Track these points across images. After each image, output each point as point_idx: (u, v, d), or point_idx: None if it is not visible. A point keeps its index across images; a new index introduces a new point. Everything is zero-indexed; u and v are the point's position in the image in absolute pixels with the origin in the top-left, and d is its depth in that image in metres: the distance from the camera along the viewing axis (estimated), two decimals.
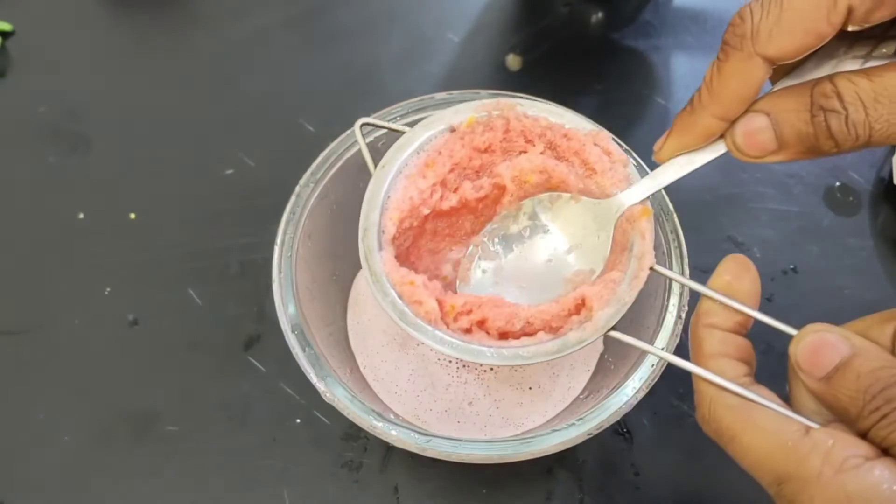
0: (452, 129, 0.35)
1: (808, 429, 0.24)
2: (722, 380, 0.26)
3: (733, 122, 0.28)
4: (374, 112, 0.41)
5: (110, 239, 0.52)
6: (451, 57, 0.62)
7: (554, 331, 0.32)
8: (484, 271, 0.35)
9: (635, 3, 0.66)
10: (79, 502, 0.43)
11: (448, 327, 0.32)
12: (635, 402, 0.34)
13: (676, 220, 0.38)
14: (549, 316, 0.33)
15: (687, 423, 0.45)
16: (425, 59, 0.62)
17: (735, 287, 0.28)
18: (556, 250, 0.34)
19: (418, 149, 0.35)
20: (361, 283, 0.47)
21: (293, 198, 0.39)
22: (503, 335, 0.33)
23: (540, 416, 0.43)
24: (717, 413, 0.26)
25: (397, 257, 0.34)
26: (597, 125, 0.36)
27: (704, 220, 0.53)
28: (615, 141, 0.36)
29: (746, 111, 0.27)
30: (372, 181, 0.34)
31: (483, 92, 0.41)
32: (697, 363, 0.27)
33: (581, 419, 0.34)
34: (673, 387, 0.46)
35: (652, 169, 0.40)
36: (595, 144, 0.35)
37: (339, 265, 0.45)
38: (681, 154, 0.30)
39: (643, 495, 0.43)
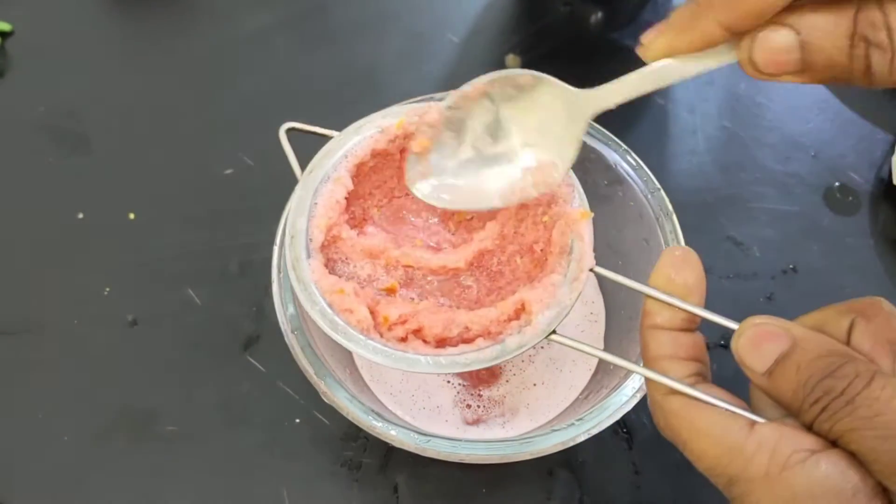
0: (381, 131, 0.34)
1: (753, 425, 0.23)
2: (668, 380, 0.25)
3: (742, 34, 0.24)
4: (374, 112, 0.41)
5: (110, 239, 0.52)
6: (450, 57, 0.62)
7: (493, 336, 0.31)
8: (438, 167, 0.32)
9: (635, 2, 0.66)
10: (78, 502, 0.43)
11: (382, 336, 0.31)
12: (635, 402, 0.34)
13: (676, 220, 0.38)
14: (487, 321, 0.32)
15: None
16: (424, 60, 0.62)
17: (676, 282, 0.26)
18: (517, 138, 0.31)
19: (346, 153, 0.34)
20: None
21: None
22: (440, 342, 0.32)
23: (542, 417, 0.43)
24: (665, 420, 0.25)
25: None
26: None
27: (704, 220, 0.53)
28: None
29: (770, 22, 0.23)
30: (298, 187, 0.33)
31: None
32: (645, 366, 0.26)
33: (581, 419, 0.34)
34: None
35: (647, 161, 0.40)
36: None
37: None
38: (672, 57, 0.26)
39: (643, 495, 0.43)
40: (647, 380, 0.26)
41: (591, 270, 0.31)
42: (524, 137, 0.30)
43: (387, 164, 0.36)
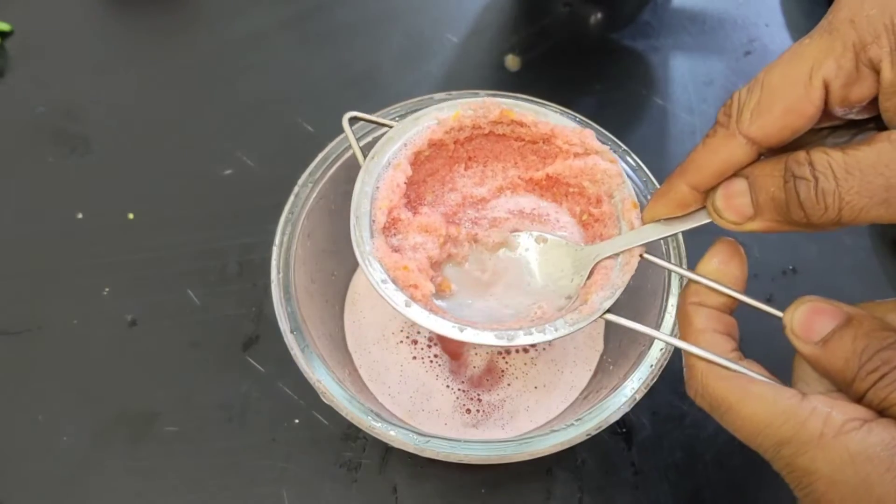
0: (438, 123, 0.36)
1: (804, 394, 0.24)
2: (712, 355, 0.27)
3: (706, 192, 0.28)
4: (374, 112, 0.41)
5: (109, 239, 0.52)
6: (450, 57, 0.62)
7: (549, 315, 0.33)
8: (459, 286, 0.36)
9: (634, 3, 0.66)
10: (78, 502, 0.43)
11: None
12: (634, 402, 0.34)
13: None
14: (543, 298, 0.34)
15: (686, 423, 0.45)
16: (424, 60, 0.62)
17: (723, 271, 0.29)
18: (529, 282, 0.35)
19: (406, 141, 0.36)
20: (359, 282, 0.47)
21: (292, 198, 0.39)
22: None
23: (541, 417, 0.43)
24: (709, 386, 0.26)
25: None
26: (581, 123, 0.38)
27: None
28: (603, 139, 0.38)
29: (729, 177, 0.27)
30: (361, 172, 0.35)
31: (482, 92, 0.41)
32: (687, 339, 0.28)
33: (580, 419, 0.34)
34: (672, 387, 0.45)
35: (647, 161, 0.40)
36: (581, 142, 0.36)
37: (337, 265, 0.45)
38: (660, 220, 0.31)
39: (642, 495, 0.43)
40: (685, 351, 0.28)
41: (641, 256, 0.33)
42: (538, 282, 0.35)
43: (441, 154, 0.37)
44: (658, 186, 0.39)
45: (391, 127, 0.36)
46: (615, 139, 0.40)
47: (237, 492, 0.43)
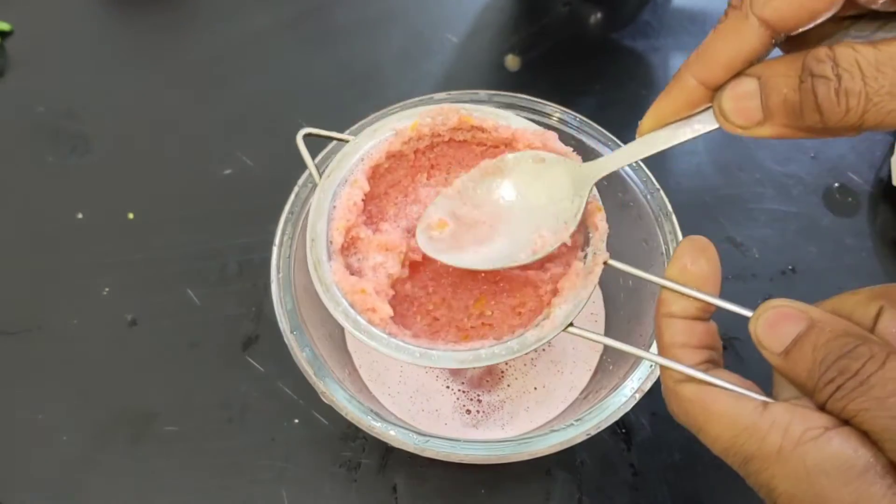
0: (396, 134, 0.35)
1: (766, 406, 0.24)
2: (681, 367, 0.26)
3: (716, 89, 0.25)
4: (373, 112, 0.41)
5: (109, 239, 0.52)
6: (449, 57, 0.62)
7: (512, 330, 0.32)
8: (450, 214, 0.34)
9: (634, 3, 0.66)
10: (78, 502, 0.43)
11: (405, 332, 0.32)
12: (633, 402, 0.34)
13: (675, 220, 0.38)
14: (506, 311, 0.33)
15: None
16: (424, 60, 0.62)
17: (691, 271, 0.27)
18: (529, 208, 0.33)
19: (363, 156, 0.35)
20: None
21: (292, 198, 0.39)
22: (462, 336, 0.33)
23: (541, 417, 0.43)
24: (680, 406, 0.26)
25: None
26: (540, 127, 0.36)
27: (703, 221, 0.53)
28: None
29: (737, 75, 0.25)
30: (317, 191, 0.34)
31: (482, 92, 0.41)
32: (660, 353, 0.27)
33: (579, 419, 0.34)
34: None
35: (646, 161, 0.40)
36: (543, 145, 0.34)
37: None
38: (662, 127, 0.28)
39: (641, 495, 0.43)
40: (662, 368, 0.27)
41: (605, 263, 0.31)
42: (537, 204, 0.33)
43: (401, 165, 0.37)
44: (658, 187, 0.39)
45: (347, 142, 0.35)
46: (615, 139, 0.40)
47: (237, 492, 0.43)
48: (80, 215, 0.54)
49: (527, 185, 0.33)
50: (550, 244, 0.31)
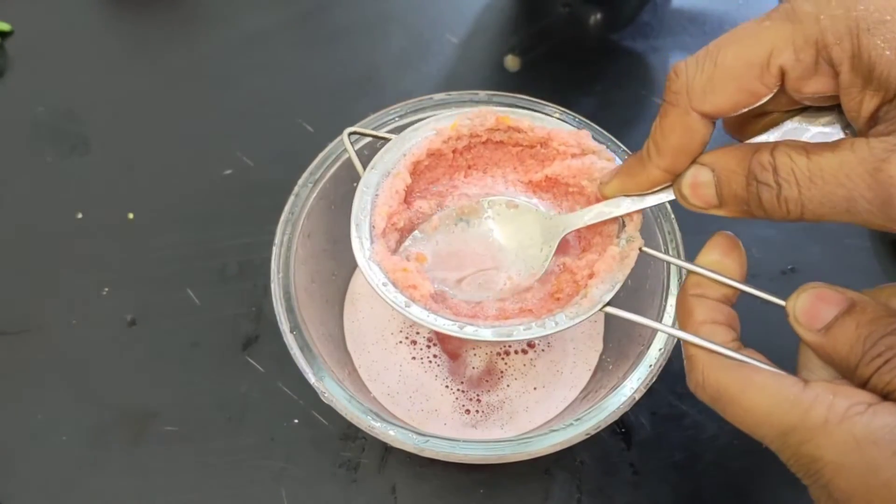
0: (437, 133, 0.36)
1: (806, 382, 0.24)
2: (714, 344, 0.26)
3: (679, 174, 0.28)
4: (373, 113, 0.41)
5: (109, 239, 0.52)
6: (449, 58, 0.62)
7: (549, 309, 0.33)
8: (429, 251, 0.36)
9: (634, 4, 0.66)
10: (77, 502, 0.43)
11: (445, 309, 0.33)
12: (633, 402, 0.34)
13: (674, 220, 0.38)
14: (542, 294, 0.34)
15: (685, 423, 0.45)
16: (424, 60, 0.62)
17: (723, 264, 0.29)
18: (499, 250, 0.36)
19: (405, 151, 0.36)
20: (359, 282, 0.47)
21: (292, 198, 0.39)
22: (500, 314, 0.34)
23: (540, 417, 0.43)
24: (711, 377, 0.26)
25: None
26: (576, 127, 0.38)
27: (703, 220, 0.52)
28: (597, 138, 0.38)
29: (695, 162, 0.27)
30: (361, 182, 0.35)
31: (481, 93, 0.41)
32: (687, 330, 0.28)
33: (579, 419, 0.34)
34: (671, 386, 0.46)
35: None
36: (578, 144, 0.36)
37: (337, 265, 0.45)
38: (626, 196, 0.31)
39: (641, 495, 0.43)
40: (685, 343, 0.28)
41: (640, 250, 0.33)
42: (507, 249, 0.36)
43: (440, 163, 0.38)
44: None
45: (389, 140, 0.37)
46: (615, 139, 0.40)
47: (237, 492, 0.43)
48: (79, 215, 0.54)
49: (500, 227, 0.36)
50: (518, 288, 0.34)
